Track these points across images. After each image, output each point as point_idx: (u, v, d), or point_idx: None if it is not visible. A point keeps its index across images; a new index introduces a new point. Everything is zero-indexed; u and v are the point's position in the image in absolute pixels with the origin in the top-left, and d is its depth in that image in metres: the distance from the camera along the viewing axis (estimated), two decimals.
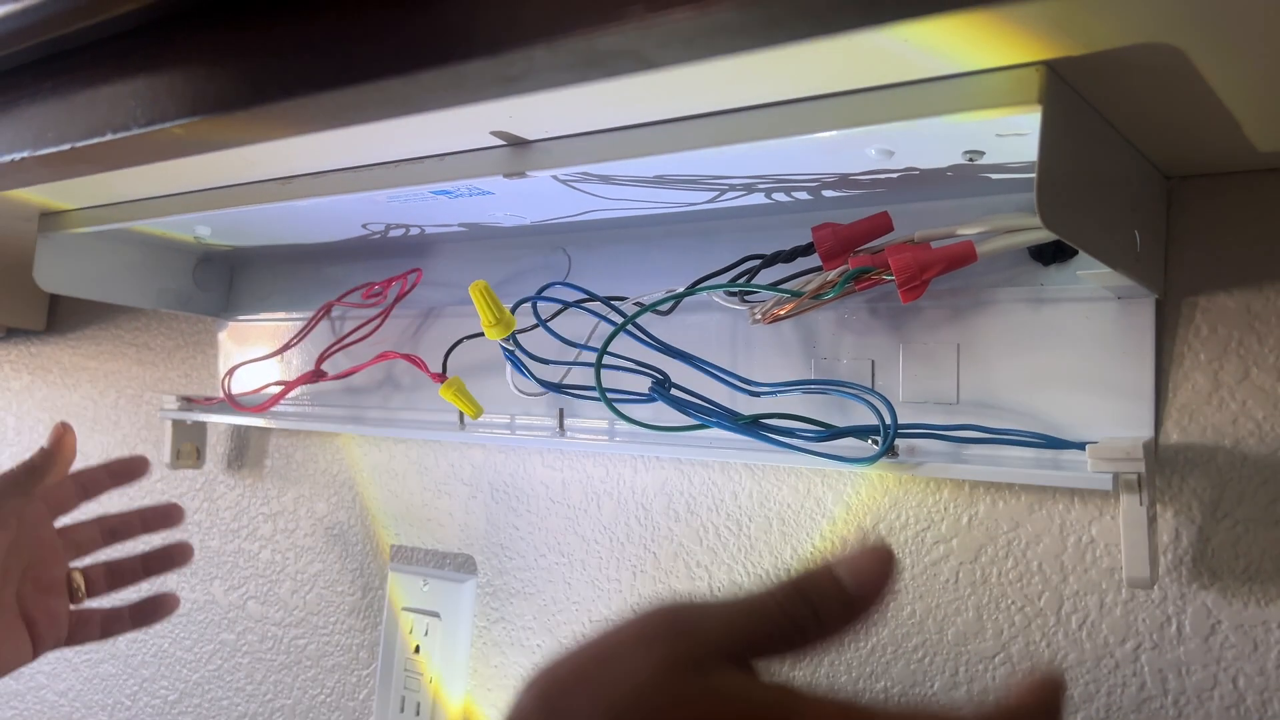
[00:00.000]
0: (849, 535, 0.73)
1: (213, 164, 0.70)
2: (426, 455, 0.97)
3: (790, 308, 0.67)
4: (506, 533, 0.91)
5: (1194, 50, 0.43)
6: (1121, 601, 0.64)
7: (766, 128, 0.54)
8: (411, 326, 0.96)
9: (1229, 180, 0.62)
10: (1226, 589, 0.60)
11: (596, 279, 0.82)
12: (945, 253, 0.61)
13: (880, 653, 0.72)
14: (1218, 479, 0.61)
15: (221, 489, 1.14)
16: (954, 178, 0.63)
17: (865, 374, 0.72)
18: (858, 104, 0.51)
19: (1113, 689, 0.63)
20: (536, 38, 0.37)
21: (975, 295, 0.68)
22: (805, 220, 0.69)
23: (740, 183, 0.67)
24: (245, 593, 1.11)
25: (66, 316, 1.34)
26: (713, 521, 0.80)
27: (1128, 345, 0.63)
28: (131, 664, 1.20)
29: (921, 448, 0.67)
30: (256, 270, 1.11)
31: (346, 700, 1.01)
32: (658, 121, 0.57)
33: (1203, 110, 0.51)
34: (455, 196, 0.72)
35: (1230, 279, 0.61)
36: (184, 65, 0.47)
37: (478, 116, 0.56)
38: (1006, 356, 0.67)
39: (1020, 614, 0.67)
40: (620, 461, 0.85)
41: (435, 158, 0.66)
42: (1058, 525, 0.66)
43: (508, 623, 0.90)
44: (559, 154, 0.61)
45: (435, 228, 0.88)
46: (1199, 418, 0.62)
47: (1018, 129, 0.52)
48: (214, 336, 1.16)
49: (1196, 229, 0.62)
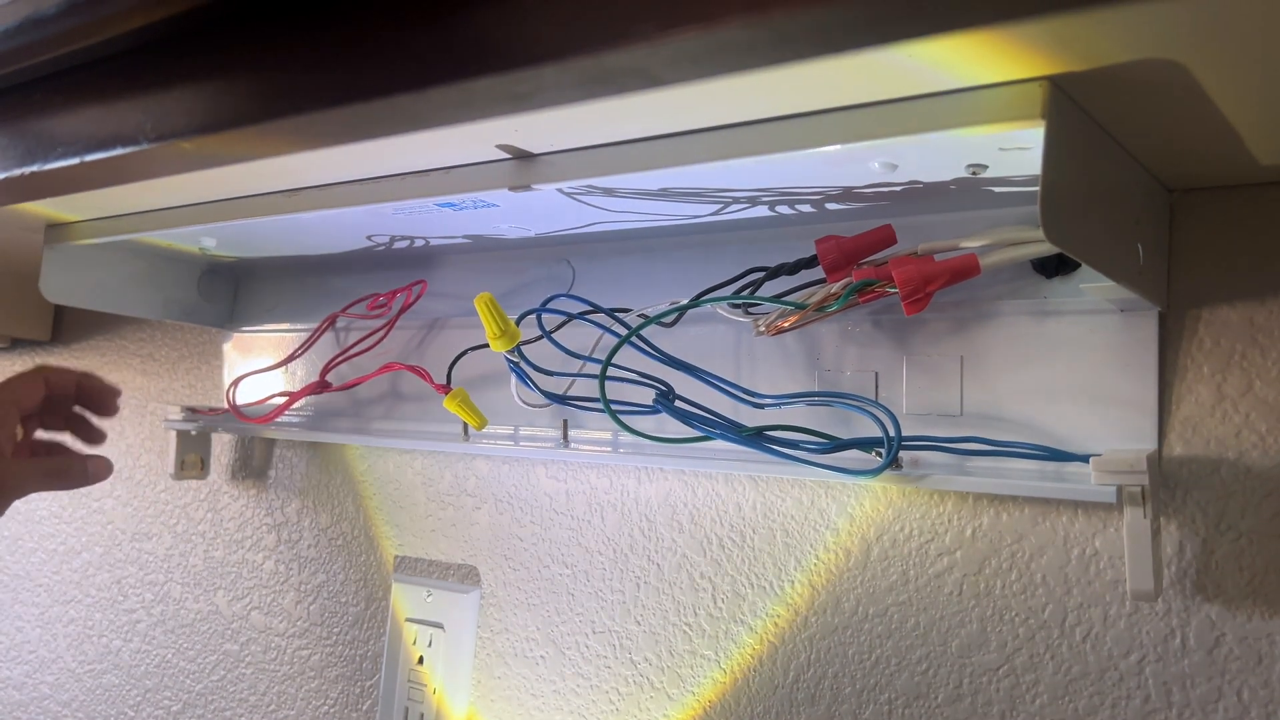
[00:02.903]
0: (853, 546, 0.73)
1: (219, 177, 0.70)
2: (430, 466, 0.98)
3: (794, 320, 0.68)
4: (510, 544, 0.91)
5: (1196, 65, 0.44)
6: (1125, 614, 0.64)
7: (771, 142, 0.54)
8: (416, 338, 0.97)
9: (1231, 194, 0.62)
10: (1231, 602, 0.60)
11: (601, 291, 0.82)
12: (949, 265, 0.61)
13: (884, 664, 0.72)
14: (1221, 491, 0.61)
15: (226, 499, 1.14)
16: (957, 191, 0.63)
17: (869, 386, 0.72)
18: (862, 118, 0.51)
19: (1117, 701, 0.63)
20: (546, 56, 0.37)
21: (978, 308, 0.68)
22: (809, 233, 0.69)
23: (744, 195, 0.67)
24: (249, 603, 1.11)
25: (71, 327, 1.35)
26: (716, 533, 0.80)
27: (1131, 358, 0.63)
28: (135, 675, 1.20)
29: (925, 460, 0.67)
30: (261, 281, 1.11)
31: (350, 711, 1.01)
32: (662, 135, 0.57)
33: (1205, 124, 0.51)
34: (460, 209, 0.72)
35: (1233, 292, 0.62)
36: (194, 81, 0.47)
37: (484, 131, 0.56)
38: (1010, 369, 0.67)
39: (1024, 626, 0.67)
40: (624, 473, 0.85)
41: (441, 171, 0.67)
42: (1061, 538, 0.66)
43: (511, 634, 0.90)
44: (564, 167, 0.61)
45: (440, 239, 0.88)
46: (1202, 430, 0.62)
47: (1021, 143, 0.52)
48: (219, 347, 1.16)
49: (1199, 242, 0.63)
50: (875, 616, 0.72)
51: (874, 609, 0.72)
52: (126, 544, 1.23)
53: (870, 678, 0.72)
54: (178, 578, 1.17)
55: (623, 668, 0.84)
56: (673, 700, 0.81)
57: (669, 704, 0.81)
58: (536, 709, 0.88)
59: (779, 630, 0.76)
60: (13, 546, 1.37)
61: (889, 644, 0.72)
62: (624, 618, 0.84)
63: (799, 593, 0.76)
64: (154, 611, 1.19)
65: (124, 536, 1.24)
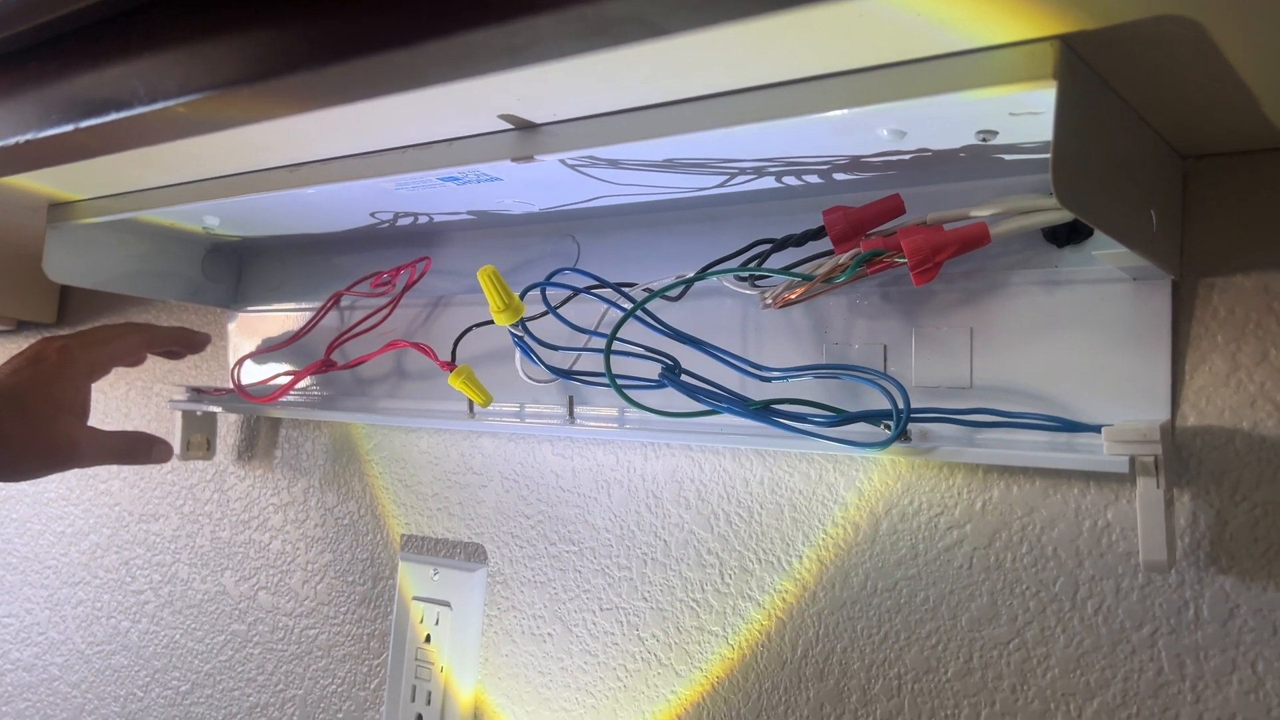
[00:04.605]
0: (861, 521, 0.73)
1: (221, 150, 0.69)
2: (436, 444, 0.97)
3: (801, 292, 0.67)
4: (517, 521, 0.91)
5: (1212, 23, 0.43)
6: (1138, 586, 0.63)
7: (777, 107, 0.53)
8: (420, 315, 0.96)
9: (1246, 159, 0.61)
10: (1245, 573, 0.60)
11: (606, 266, 0.81)
12: (958, 235, 0.60)
13: (894, 639, 0.71)
14: (1235, 462, 0.60)
15: (232, 480, 1.14)
16: (967, 159, 0.62)
17: (877, 359, 0.71)
18: (869, 82, 0.50)
19: (1129, 674, 0.63)
20: (542, 6, 0.36)
21: (989, 278, 0.67)
22: (816, 204, 0.68)
23: (750, 166, 0.66)
24: (256, 583, 1.11)
25: (77, 309, 1.34)
26: (724, 508, 0.79)
27: (1143, 327, 0.62)
28: (143, 655, 1.20)
29: (934, 432, 0.67)
30: (265, 261, 1.11)
31: (358, 690, 1.01)
32: (666, 103, 0.56)
33: (1220, 86, 0.50)
34: (464, 183, 0.71)
35: (1248, 259, 0.61)
36: (186, 43, 0.46)
37: (485, 97, 0.55)
38: (1020, 339, 0.66)
39: (1035, 599, 0.66)
40: (630, 449, 0.85)
41: (443, 143, 0.66)
42: (1073, 509, 0.65)
43: (519, 611, 0.90)
44: (567, 137, 0.61)
45: (444, 216, 0.87)
46: (1216, 400, 0.61)
47: (1032, 106, 0.51)
48: (223, 327, 1.16)
49: (1213, 209, 0.62)
50: (884, 591, 0.72)
51: (883, 584, 0.72)
52: (134, 525, 1.23)
53: (879, 652, 0.72)
54: (185, 559, 1.17)
55: (630, 644, 0.83)
56: (680, 677, 0.80)
57: (677, 680, 0.81)
58: (544, 686, 0.88)
59: (787, 606, 0.76)
60: (21, 529, 1.38)
61: (898, 619, 0.71)
62: (631, 594, 0.84)
63: (807, 568, 0.75)
64: (162, 593, 1.19)
65: (131, 518, 1.24)
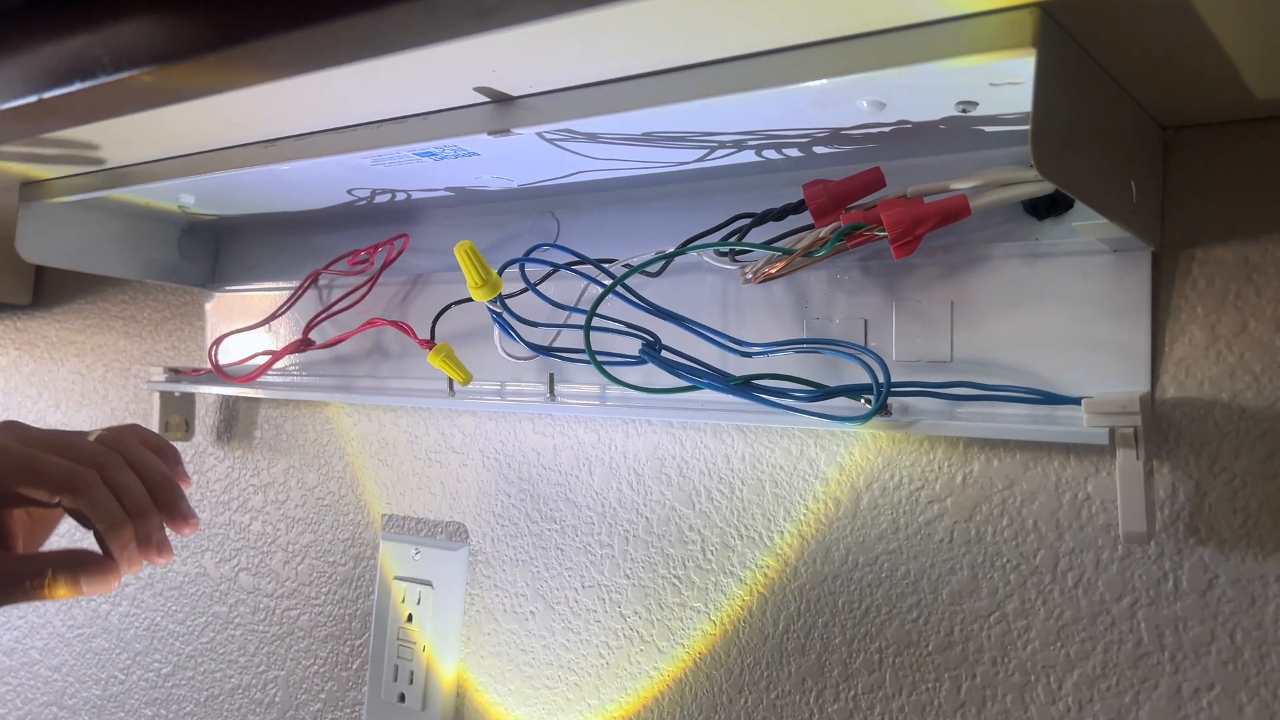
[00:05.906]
0: (842, 496, 0.73)
1: (194, 125, 0.68)
2: (416, 423, 0.97)
3: (781, 266, 0.66)
4: (498, 500, 0.91)
5: None
6: (1118, 558, 0.63)
7: (755, 78, 0.52)
8: (399, 294, 0.95)
9: (1226, 130, 0.61)
10: (1224, 543, 0.60)
11: (586, 242, 0.81)
12: (938, 207, 0.60)
13: (875, 613, 0.71)
14: (1215, 433, 0.60)
15: (211, 461, 1.13)
16: (947, 131, 0.62)
17: (858, 333, 0.71)
18: (848, 51, 0.50)
19: (1109, 645, 0.63)
20: None
21: (969, 251, 0.67)
22: (796, 178, 0.68)
23: (730, 139, 0.66)
24: (237, 565, 1.10)
25: (53, 291, 1.33)
26: (705, 485, 0.79)
27: (1123, 299, 0.62)
28: (124, 638, 1.19)
29: (915, 406, 0.67)
30: (242, 240, 1.10)
31: (340, 670, 1.00)
32: (643, 74, 0.56)
33: (1201, 55, 0.50)
34: (441, 158, 0.71)
35: (1227, 230, 0.60)
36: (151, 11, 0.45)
37: (459, 67, 0.54)
38: (1001, 313, 0.66)
39: (1015, 572, 0.66)
40: (611, 426, 0.84)
41: (419, 116, 0.65)
42: (1053, 482, 0.65)
43: (501, 590, 0.90)
44: (544, 110, 0.60)
45: (421, 193, 0.86)
46: (1196, 371, 0.61)
47: (1011, 76, 0.51)
48: (201, 308, 1.15)
49: (1193, 180, 0.61)
50: (865, 565, 0.72)
51: (864, 558, 0.72)
52: None
53: (860, 627, 0.72)
54: None
55: (612, 621, 0.83)
56: (663, 653, 0.80)
57: (659, 656, 0.81)
58: (526, 664, 0.88)
59: (768, 581, 0.76)
60: None
61: (879, 593, 0.71)
62: (613, 572, 0.83)
63: (788, 543, 0.75)
64: (142, 575, 1.18)
65: None
